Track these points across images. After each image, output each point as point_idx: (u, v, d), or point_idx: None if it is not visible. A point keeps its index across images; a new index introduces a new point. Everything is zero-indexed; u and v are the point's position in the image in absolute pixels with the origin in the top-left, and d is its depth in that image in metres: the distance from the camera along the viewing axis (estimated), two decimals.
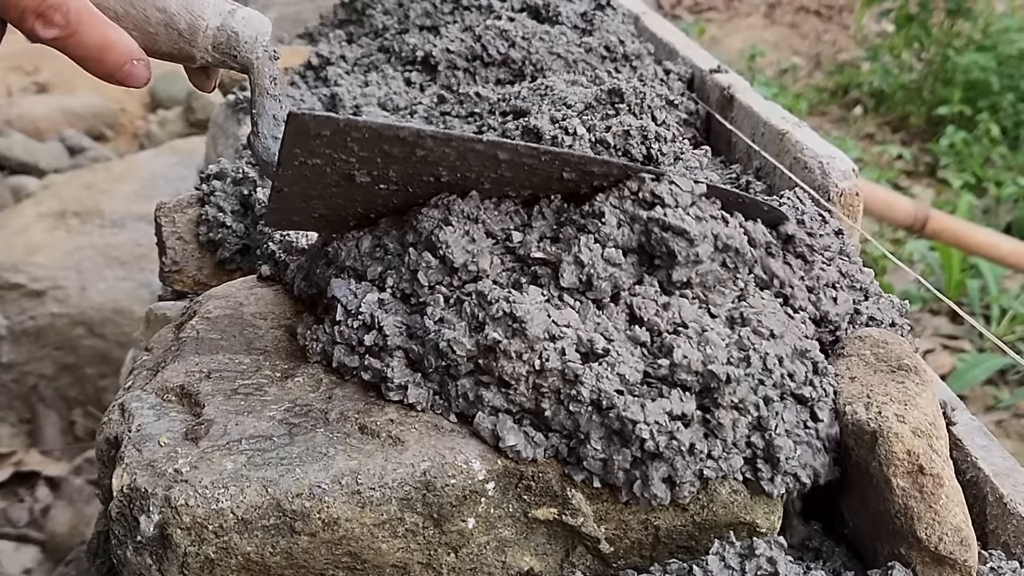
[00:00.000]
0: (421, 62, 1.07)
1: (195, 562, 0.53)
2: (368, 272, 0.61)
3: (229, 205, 0.79)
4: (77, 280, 2.19)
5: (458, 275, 0.59)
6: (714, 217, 0.61)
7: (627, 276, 0.59)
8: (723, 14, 4.09)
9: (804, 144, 0.87)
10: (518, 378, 0.55)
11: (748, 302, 0.61)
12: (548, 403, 0.55)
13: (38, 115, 3.11)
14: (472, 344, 0.56)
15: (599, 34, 1.10)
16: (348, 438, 0.56)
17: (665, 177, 0.61)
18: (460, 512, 0.55)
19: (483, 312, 0.56)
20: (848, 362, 0.62)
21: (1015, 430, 1.99)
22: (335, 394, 0.59)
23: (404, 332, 0.58)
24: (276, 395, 0.59)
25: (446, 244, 0.59)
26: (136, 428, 0.57)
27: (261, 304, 0.69)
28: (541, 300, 0.58)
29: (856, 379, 0.61)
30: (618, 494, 0.55)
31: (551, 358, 0.55)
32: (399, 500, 0.54)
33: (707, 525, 0.57)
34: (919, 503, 0.56)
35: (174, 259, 0.79)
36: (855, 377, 0.61)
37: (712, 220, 0.61)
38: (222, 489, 0.53)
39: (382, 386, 0.58)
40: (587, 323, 0.58)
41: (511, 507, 0.56)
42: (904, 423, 0.56)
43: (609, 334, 0.57)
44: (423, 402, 0.57)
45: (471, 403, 0.57)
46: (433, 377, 0.58)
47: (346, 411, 0.57)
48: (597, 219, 0.60)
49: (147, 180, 2.44)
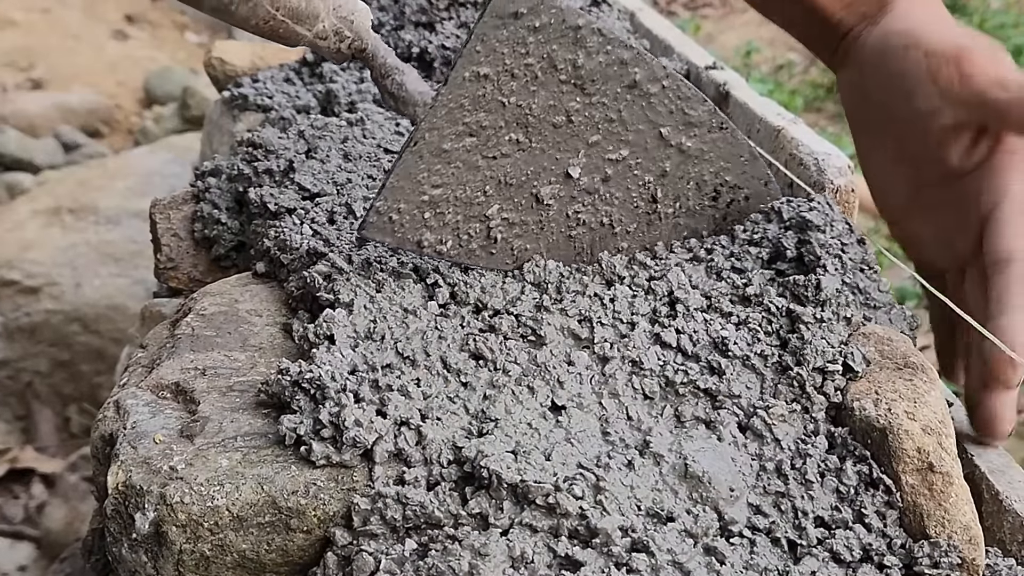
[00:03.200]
0: (416, 58, 1.07)
1: (190, 559, 0.53)
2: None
3: (224, 202, 0.79)
4: (72, 277, 2.19)
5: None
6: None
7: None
8: (719, 11, 4.09)
9: (800, 141, 0.87)
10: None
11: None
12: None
13: (33, 111, 3.10)
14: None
15: None
16: None
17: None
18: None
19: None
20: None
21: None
22: None
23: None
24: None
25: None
26: (131, 425, 0.57)
27: (256, 301, 0.68)
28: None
29: (863, 376, 0.61)
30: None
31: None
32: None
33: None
34: (928, 501, 0.56)
35: (169, 256, 0.79)
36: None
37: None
38: (217, 486, 0.52)
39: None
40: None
41: None
42: (914, 420, 0.57)
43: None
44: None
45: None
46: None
47: None
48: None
49: (142, 177, 2.44)
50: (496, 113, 0.61)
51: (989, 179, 0.68)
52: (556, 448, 0.55)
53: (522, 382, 0.59)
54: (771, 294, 0.64)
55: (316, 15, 0.60)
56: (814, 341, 0.61)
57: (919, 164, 0.70)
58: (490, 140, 0.62)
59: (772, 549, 0.54)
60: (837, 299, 0.63)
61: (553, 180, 0.64)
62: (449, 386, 0.58)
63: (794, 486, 0.56)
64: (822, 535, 0.55)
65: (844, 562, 0.54)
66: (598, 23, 0.60)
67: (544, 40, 0.60)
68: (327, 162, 0.79)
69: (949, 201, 0.69)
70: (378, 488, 0.52)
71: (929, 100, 0.67)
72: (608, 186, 0.66)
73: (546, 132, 0.63)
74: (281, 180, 0.77)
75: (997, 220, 0.66)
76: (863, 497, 0.56)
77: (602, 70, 0.62)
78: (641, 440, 0.57)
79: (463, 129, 0.61)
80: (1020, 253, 0.65)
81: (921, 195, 0.71)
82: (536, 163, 0.63)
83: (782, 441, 0.58)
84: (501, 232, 0.64)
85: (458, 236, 0.64)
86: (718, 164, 0.68)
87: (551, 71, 0.61)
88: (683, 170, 0.67)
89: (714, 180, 0.68)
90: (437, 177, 0.62)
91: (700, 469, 0.55)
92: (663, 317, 0.63)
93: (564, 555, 0.51)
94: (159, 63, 3.47)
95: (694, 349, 0.61)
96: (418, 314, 0.62)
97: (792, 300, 0.64)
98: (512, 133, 0.62)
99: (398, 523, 0.52)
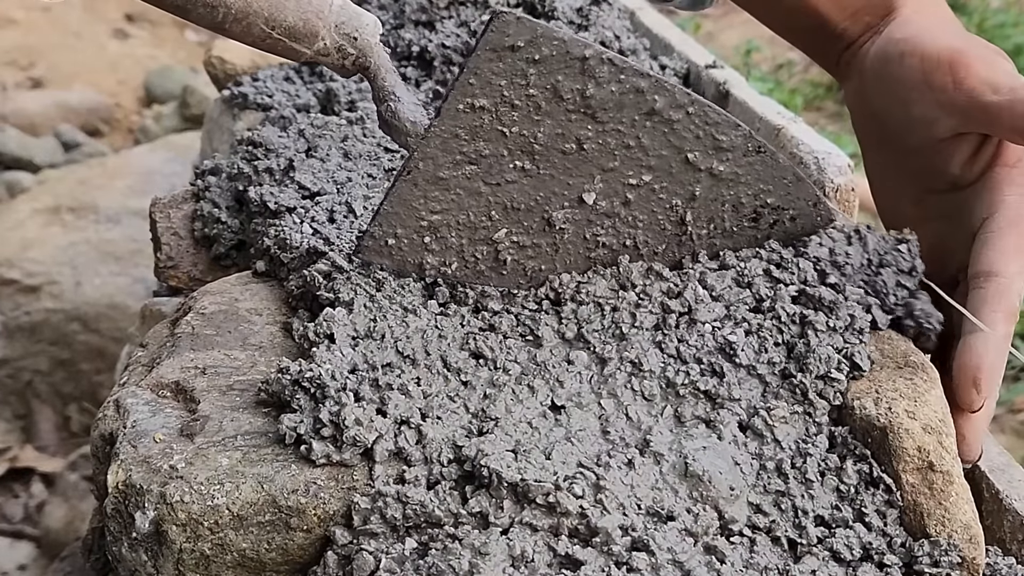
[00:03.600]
0: (416, 57, 1.07)
1: (190, 558, 0.53)
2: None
3: (224, 201, 0.79)
4: (72, 276, 2.18)
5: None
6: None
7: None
8: (719, 9, 4.09)
9: (800, 140, 0.87)
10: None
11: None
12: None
13: (33, 110, 3.09)
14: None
15: (595, 29, 1.10)
16: None
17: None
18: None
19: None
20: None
21: (1011, 426, 1.99)
22: None
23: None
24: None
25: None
26: (131, 424, 0.57)
27: (256, 300, 0.68)
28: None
29: (864, 375, 0.60)
30: None
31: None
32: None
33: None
34: (929, 500, 0.56)
35: (169, 255, 0.79)
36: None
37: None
38: (217, 485, 0.52)
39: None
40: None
41: None
42: (915, 419, 0.57)
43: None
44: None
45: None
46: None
47: None
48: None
49: (142, 176, 2.43)
50: (497, 142, 0.59)
51: (984, 192, 0.66)
52: (556, 447, 0.55)
53: (522, 381, 0.59)
54: (785, 299, 0.63)
55: (315, 34, 0.58)
56: (818, 349, 0.60)
57: (922, 174, 0.69)
58: (492, 168, 0.60)
59: (772, 548, 0.54)
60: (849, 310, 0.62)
61: (566, 205, 0.62)
62: (449, 385, 0.58)
63: (794, 485, 0.56)
64: (822, 534, 0.55)
65: (844, 561, 0.54)
66: (608, 53, 0.57)
67: (547, 71, 0.57)
68: (327, 161, 0.79)
69: (950, 213, 0.68)
70: (378, 487, 0.52)
71: (926, 108, 0.66)
72: (630, 209, 0.63)
73: (555, 159, 0.60)
74: (281, 179, 0.77)
75: (984, 235, 0.65)
76: (863, 496, 0.56)
77: (615, 99, 0.59)
78: (641, 439, 0.57)
79: (461, 158, 0.59)
80: (1000, 269, 0.63)
81: (923, 205, 0.70)
82: (545, 189, 0.61)
83: (782, 441, 0.58)
84: (511, 254, 0.62)
85: (463, 258, 0.62)
86: (756, 186, 0.64)
87: (556, 101, 0.58)
88: (716, 193, 0.64)
89: (753, 202, 0.65)
90: (436, 203, 0.60)
91: (700, 468, 0.55)
92: (667, 324, 0.62)
93: (564, 554, 0.51)
94: (159, 62, 3.47)
95: (697, 354, 0.61)
96: (418, 313, 0.62)
97: (804, 306, 0.63)
98: (516, 161, 0.60)
99: (398, 522, 0.52)
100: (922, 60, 0.66)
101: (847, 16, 0.74)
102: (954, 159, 0.67)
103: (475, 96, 0.57)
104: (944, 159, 0.67)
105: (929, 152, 0.68)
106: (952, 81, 0.64)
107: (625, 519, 0.52)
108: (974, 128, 0.65)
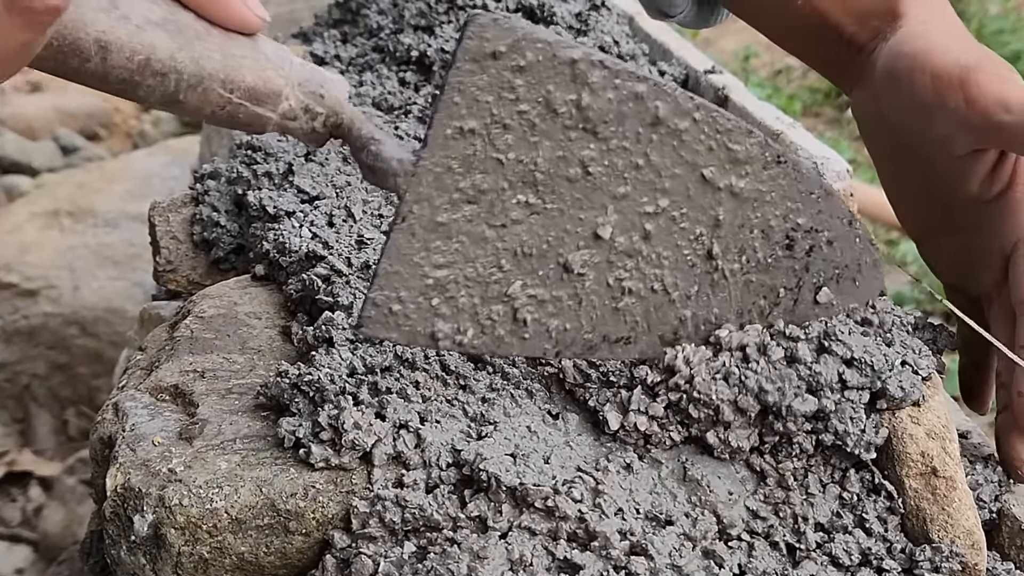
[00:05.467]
0: (416, 62, 1.07)
1: (189, 562, 0.53)
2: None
3: (223, 205, 0.79)
4: (70, 279, 2.18)
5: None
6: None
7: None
8: None
9: (798, 145, 0.87)
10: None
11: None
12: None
13: (31, 114, 3.09)
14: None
15: (594, 34, 1.10)
16: None
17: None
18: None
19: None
20: None
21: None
22: None
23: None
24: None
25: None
26: (130, 428, 0.57)
27: (255, 303, 0.69)
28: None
29: None
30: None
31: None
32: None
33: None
34: (932, 505, 0.56)
35: (168, 259, 0.79)
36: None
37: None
38: (216, 489, 0.52)
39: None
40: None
41: None
42: (918, 424, 0.57)
43: None
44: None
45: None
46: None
47: None
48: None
49: (141, 179, 2.44)
50: (495, 173, 0.52)
51: (1011, 212, 0.66)
52: (555, 451, 0.55)
53: (521, 385, 0.59)
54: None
55: (278, 92, 0.52)
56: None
57: (942, 188, 0.69)
58: (494, 206, 0.53)
59: (771, 553, 0.54)
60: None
61: (581, 244, 0.54)
62: (448, 389, 0.58)
63: (795, 493, 0.56)
64: (821, 539, 0.55)
65: (843, 566, 0.54)
66: (598, 55, 0.51)
67: (535, 81, 0.50)
68: (326, 165, 0.79)
69: (973, 226, 0.68)
70: (377, 491, 0.52)
71: (942, 126, 0.65)
72: (651, 245, 0.55)
73: (561, 189, 0.53)
74: (280, 183, 0.77)
75: (1019, 258, 0.65)
76: (864, 502, 0.56)
77: (614, 108, 0.52)
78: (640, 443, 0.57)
79: (459, 197, 0.52)
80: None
81: (946, 218, 0.69)
82: (556, 227, 0.54)
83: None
84: (530, 313, 0.55)
85: (479, 322, 0.54)
86: (784, 205, 0.57)
87: (551, 117, 0.51)
88: (741, 217, 0.56)
89: (783, 225, 0.57)
90: (439, 256, 0.53)
91: (699, 473, 0.55)
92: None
93: (563, 558, 0.51)
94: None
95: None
96: None
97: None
98: (520, 195, 0.53)
99: (397, 526, 0.52)
100: (933, 79, 0.65)
101: (855, 20, 0.73)
102: (973, 175, 0.67)
103: (462, 118, 0.50)
104: (964, 175, 0.67)
105: (948, 168, 0.67)
106: (965, 100, 0.64)
107: (624, 523, 0.52)
108: (991, 146, 0.65)
